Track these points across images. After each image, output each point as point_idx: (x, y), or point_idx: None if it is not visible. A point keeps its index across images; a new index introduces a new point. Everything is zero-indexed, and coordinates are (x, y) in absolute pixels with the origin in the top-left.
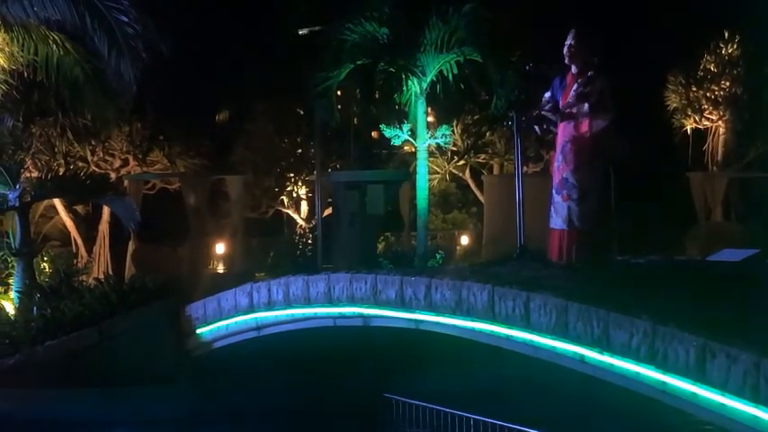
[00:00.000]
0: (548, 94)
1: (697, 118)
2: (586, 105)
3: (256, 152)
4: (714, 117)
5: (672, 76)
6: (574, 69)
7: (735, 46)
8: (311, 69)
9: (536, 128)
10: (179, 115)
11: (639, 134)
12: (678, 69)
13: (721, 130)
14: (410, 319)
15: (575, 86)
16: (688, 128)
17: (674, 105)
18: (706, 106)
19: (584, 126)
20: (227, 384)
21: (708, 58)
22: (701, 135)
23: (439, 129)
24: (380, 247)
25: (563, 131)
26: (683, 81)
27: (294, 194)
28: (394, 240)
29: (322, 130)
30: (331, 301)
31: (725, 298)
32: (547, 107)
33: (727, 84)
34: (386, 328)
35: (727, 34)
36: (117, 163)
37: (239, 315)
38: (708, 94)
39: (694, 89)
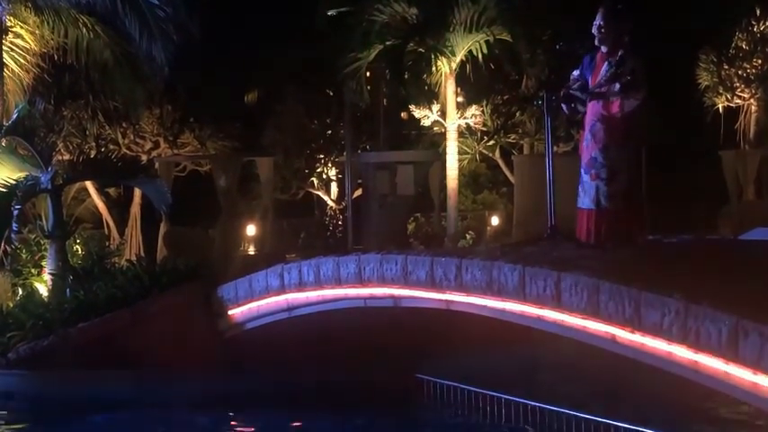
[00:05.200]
0: (576, 73)
1: (729, 96)
2: (618, 85)
3: (286, 134)
4: (746, 95)
5: (703, 54)
6: (604, 49)
7: (766, 23)
8: (341, 50)
9: (564, 107)
10: (209, 97)
11: (671, 113)
12: (709, 47)
13: (753, 108)
14: (441, 300)
15: (605, 67)
16: (720, 106)
17: (706, 83)
18: (738, 84)
19: (615, 106)
20: (258, 365)
21: (739, 35)
22: (732, 113)
23: (469, 109)
24: (411, 227)
25: (592, 110)
26: (715, 59)
27: (324, 176)
28: (424, 221)
29: (352, 111)
30: (362, 282)
31: (757, 276)
32: (575, 86)
33: (759, 62)
34: (416, 308)
35: (758, 11)
36: (148, 145)
37: (270, 296)
38: (739, 72)
39: (726, 67)
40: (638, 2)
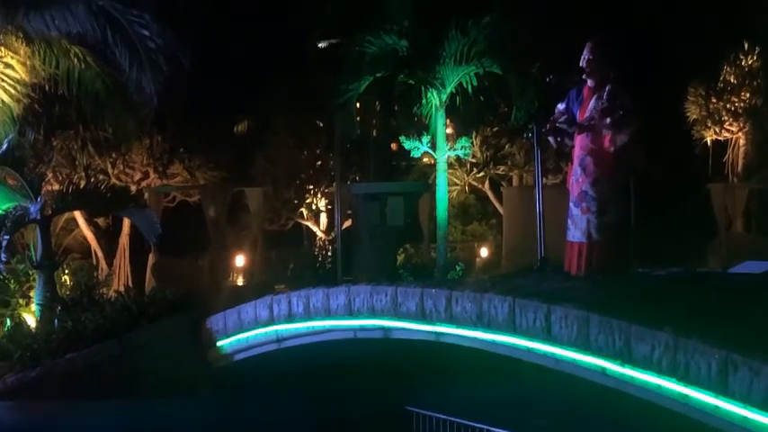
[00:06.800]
0: (561, 106)
1: (717, 129)
2: (608, 120)
3: (276, 164)
4: (734, 129)
5: (692, 88)
6: (590, 83)
7: (754, 57)
8: (331, 81)
9: (551, 140)
10: (199, 127)
11: (660, 146)
12: (698, 81)
13: (741, 142)
14: (431, 332)
15: (593, 100)
16: (708, 139)
17: (694, 117)
18: (726, 118)
19: (606, 141)
20: (247, 396)
21: (728, 69)
22: (721, 147)
23: (458, 140)
24: (400, 258)
25: (580, 144)
26: (703, 93)
27: (314, 206)
28: (414, 252)
29: (342, 142)
30: (351, 314)
31: (747, 310)
32: (561, 119)
33: (747, 95)
34: (406, 340)
35: (746, 46)
36: (137, 175)
37: (260, 327)
38: (728, 106)
39: (714, 101)
40: (628, 36)
